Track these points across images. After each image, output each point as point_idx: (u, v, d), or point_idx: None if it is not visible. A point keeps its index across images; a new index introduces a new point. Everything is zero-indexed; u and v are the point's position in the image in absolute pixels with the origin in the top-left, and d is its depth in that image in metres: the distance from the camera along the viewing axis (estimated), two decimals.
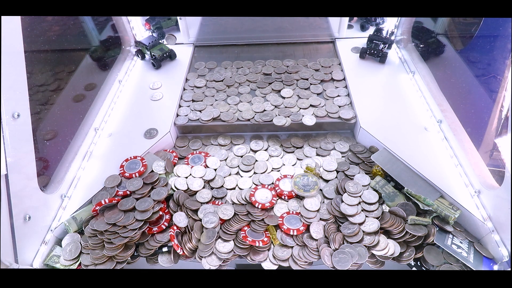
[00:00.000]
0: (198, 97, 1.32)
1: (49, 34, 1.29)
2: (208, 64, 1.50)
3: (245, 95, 1.32)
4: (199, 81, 1.40)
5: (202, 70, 1.46)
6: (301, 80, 1.37)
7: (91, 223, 0.92)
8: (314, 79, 1.37)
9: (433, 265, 0.86)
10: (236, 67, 1.47)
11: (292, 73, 1.41)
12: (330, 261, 0.85)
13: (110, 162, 1.09)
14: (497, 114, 0.95)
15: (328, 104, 1.25)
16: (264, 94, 1.32)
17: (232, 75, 1.42)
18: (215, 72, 1.44)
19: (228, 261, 0.89)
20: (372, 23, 1.64)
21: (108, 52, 1.51)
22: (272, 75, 1.41)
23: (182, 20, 1.55)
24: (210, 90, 1.35)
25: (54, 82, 1.24)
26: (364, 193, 0.98)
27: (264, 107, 1.25)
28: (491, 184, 0.92)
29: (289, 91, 1.31)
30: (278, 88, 1.34)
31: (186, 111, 1.26)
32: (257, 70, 1.43)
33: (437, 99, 1.20)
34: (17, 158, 0.80)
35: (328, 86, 1.34)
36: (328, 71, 1.41)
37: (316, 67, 1.43)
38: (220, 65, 1.49)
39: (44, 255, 0.89)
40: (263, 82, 1.37)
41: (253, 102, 1.28)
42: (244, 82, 1.39)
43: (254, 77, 1.40)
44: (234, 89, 1.35)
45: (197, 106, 1.27)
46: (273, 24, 1.57)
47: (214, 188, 1.04)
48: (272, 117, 1.20)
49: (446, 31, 1.42)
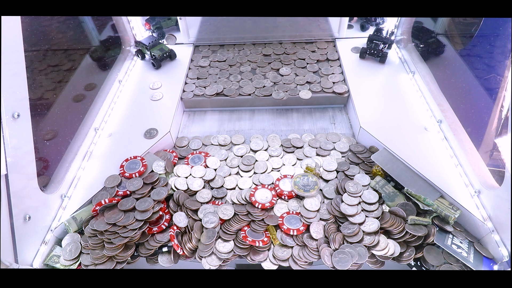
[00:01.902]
0: (202, 75, 1.43)
1: (49, 34, 1.29)
2: (212, 47, 1.60)
3: (246, 73, 1.43)
4: (203, 61, 1.51)
5: (206, 52, 1.57)
6: (298, 60, 1.48)
7: (91, 223, 0.92)
8: (311, 59, 1.48)
9: (433, 265, 0.86)
10: (237, 49, 1.58)
11: (290, 54, 1.52)
12: (330, 261, 0.85)
13: (110, 162, 1.09)
14: (497, 114, 0.95)
15: (323, 80, 1.37)
16: (264, 73, 1.43)
17: (234, 56, 1.53)
18: (218, 53, 1.56)
19: (228, 261, 0.89)
20: (372, 23, 1.64)
21: (108, 52, 1.51)
22: (272, 56, 1.52)
23: (182, 20, 1.55)
24: (214, 69, 1.46)
25: (54, 82, 1.24)
26: (364, 193, 0.98)
27: (264, 84, 1.36)
28: (491, 184, 0.92)
29: (287, 70, 1.42)
30: (277, 67, 1.45)
31: (191, 87, 1.37)
32: (258, 52, 1.55)
33: (437, 99, 1.20)
34: (17, 158, 0.80)
35: (324, 65, 1.45)
36: (324, 52, 1.52)
37: (312, 49, 1.54)
38: (223, 48, 1.60)
39: (44, 255, 0.89)
40: (263, 62, 1.48)
41: (253, 79, 1.39)
42: (245, 62, 1.49)
43: (254, 57, 1.51)
44: (236, 68, 1.47)
45: (202, 82, 1.38)
46: (273, 24, 1.58)
47: (214, 188, 1.04)
48: (271, 92, 1.32)
49: (446, 31, 1.42)
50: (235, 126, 1.29)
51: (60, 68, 1.29)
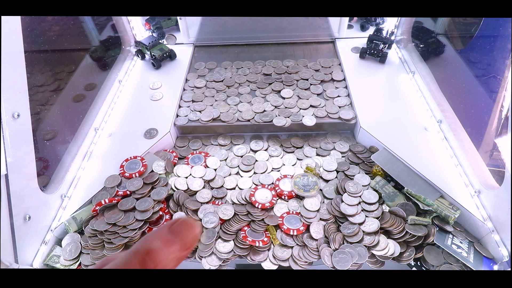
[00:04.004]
0: (198, 97, 1.32)
1: (49, 34, 1.29)
2: (208, 64, 1.49)
3: (245, 95, 1.32)
4: (199, 82, 1.40)
5: (202, 71, 1.46)
6: (301, 81, 1.37)
7: (91, 223, 0.92)
8: (314, 79, 1.37)
9: (433, 265, 0.86)
10: (236, 67, 1.47)
11: (292, 73, 1.41)
12: (330, 261, 0.85)
13: (110, 162, 1.09)
14: (497, 114, 0.95)
15: (328, 104, 1.25)
16: (264, 95, 1.32)
17: (232, 76, 1.42)
18: (215, 72, 1.44)
19: (228, 261, 0.89)
20: (372, 23, 1.64)
21: (108, 52, 1.51)
22: (272, 75, 1.41)
23: (182, 20, 1.55)
24: (210, 91, 1.35)
25: (54, 82, 1.24)
26: (364, 193, 0.98)
27: (264, 108, 1.25)
28: (491, 184, 0.92)
29: (289, 92, 1.31)
30: (278, 88, 1.33)
31: (186, 111, 1.26)
32: (257, 71, 1.43)
33: (437, 99, 1.20)
34: (17, 158, 0.80)
35: (328, 86, 1.34)
36: (328, 72, 1.41)
37: (316, 68, 1.43)
38: (220, 65, 1.49)
39: (44, 255, 0.89)
40: (263, 83, 1.36)
41: (253, 103, 1.28)
42: (244, 83, 1.38)
43: (254, 77, 1.39)
44: (234, 90, 1.34)
45: (197, 106, 1.27)
46: (273, 24, 1.57)
47: (214, 188, 1.04)
48: (272, 118, 1.20)
49: (446, 31, 1.42)
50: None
51: (60, 70, 1.30)
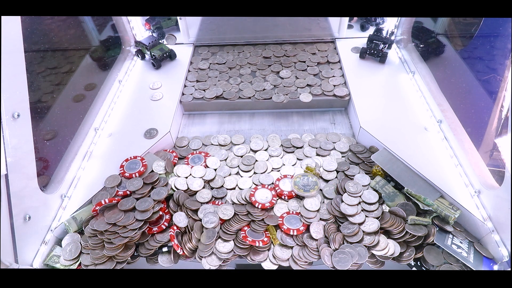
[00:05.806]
0: (202, 77, 1.41)
1: (49, 34, 1.29)
2: (211, 48, 1.59)
3: (246, 76, 1.41)
4: (202, 64, 1.49)
5: (205, 54, 1.55)
6: (298, 63, 1.47)
7: (91, 223, 0.92)
8: (311, 61, 1.47)
9: (433, 265, 0.86)
10: (237, 51, 1.57)
11: (290, 56, 1.51)
12: (330, 261, 0.85)
13: (110, 162, 1.09)
14: (497, 114, 0.95)
15: (323, 83, 1.34)
16: (264, 75, 1.41)
17: (234, 59, 1.51)
18: (217, 56, 1.54)
19: (228, 261, 0.89)
20: (372, 23, 1.64)
21: (108, 52, 1.51)
22: (272, 58, 1.51)
23: (182, 20, 1.55)
24: (213, 72, 1.44)
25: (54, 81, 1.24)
26: (364, 193, 0.98)
27: (264, 87, 1.34)
28: (491, 184, 0.92)
29: (287, 72, 1.41)
30: (277, 69, 1.43)
31: (191, 90, 1.35)
32: (258, 54, 1.53)
33: (437, 99, 1.20)
34: (17, 158, 0.80)
35: (324, 67, 1.44)
36: (324, 55, 1.51)
37: (313, 51, 1.53)
38: (222, 50, 1.58)
39: (44, 255, 0.89)
40: (263, 65, 1.46)
41: (253, 82, 1.37)
42: (245, 65, 1.48)
43: (254, 60, 1.49)
44: (235, 71, 1.45)
45: (201, 85, 1.37)
46: (273, 24, 1.58)
47: (214, 188, 1.04)
48: (271, 95, 1.30)
49: (446, 31, 1.42)
50: (235, 127, 1.29)
51: (59, 71, 1.29)
